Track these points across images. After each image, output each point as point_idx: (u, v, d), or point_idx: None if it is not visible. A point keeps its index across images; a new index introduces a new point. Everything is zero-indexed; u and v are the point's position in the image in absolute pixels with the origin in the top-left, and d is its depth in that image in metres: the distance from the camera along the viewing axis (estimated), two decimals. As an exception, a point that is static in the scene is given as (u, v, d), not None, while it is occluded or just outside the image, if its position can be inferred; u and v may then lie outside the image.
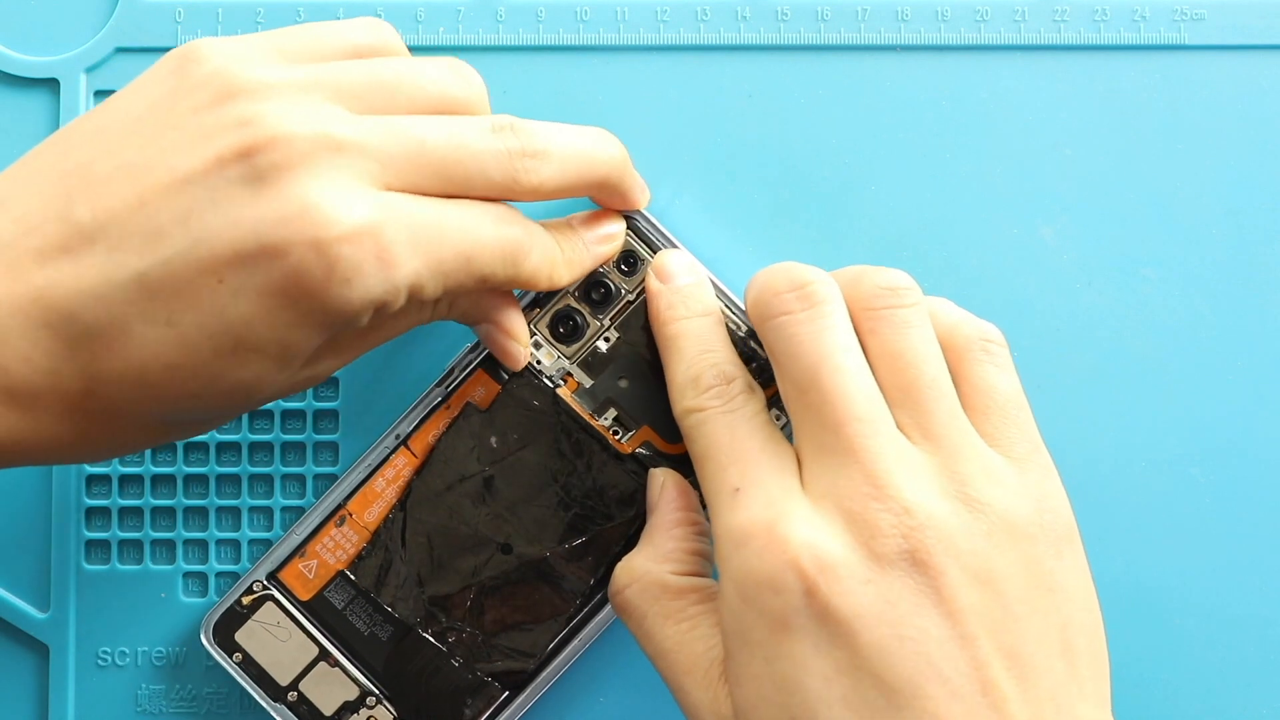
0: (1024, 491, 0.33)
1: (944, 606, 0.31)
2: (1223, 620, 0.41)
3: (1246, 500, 0.41)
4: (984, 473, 0.32)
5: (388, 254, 0.32)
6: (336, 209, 0.31)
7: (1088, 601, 0.33)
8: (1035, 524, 0.32)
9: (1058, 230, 0.41)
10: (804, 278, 0.35)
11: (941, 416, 0.33)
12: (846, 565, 0.31)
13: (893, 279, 0.35)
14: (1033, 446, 0.34)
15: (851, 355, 0.33)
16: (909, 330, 0.34)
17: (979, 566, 0.31)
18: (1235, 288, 0.41)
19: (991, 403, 0.34)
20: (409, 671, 0.39)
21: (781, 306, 0.34)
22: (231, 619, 0.39)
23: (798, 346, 0.34)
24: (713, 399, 0.35)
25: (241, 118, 0.31)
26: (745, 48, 0.42)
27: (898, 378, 0.33)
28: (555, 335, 0.39)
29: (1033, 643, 0.31)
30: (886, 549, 0.31)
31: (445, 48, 0.42)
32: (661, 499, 0.38)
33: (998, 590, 0.31)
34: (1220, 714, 0.40)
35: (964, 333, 0.35)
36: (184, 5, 0.42)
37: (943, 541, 0.31)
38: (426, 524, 0.39)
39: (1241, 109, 0.41)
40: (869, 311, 0.34)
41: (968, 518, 0.32)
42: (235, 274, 0.31)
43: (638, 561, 0.36)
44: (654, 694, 0.40)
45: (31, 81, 0.42)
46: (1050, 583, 0.32)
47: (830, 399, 0.33)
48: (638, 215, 0.39)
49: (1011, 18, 0.42)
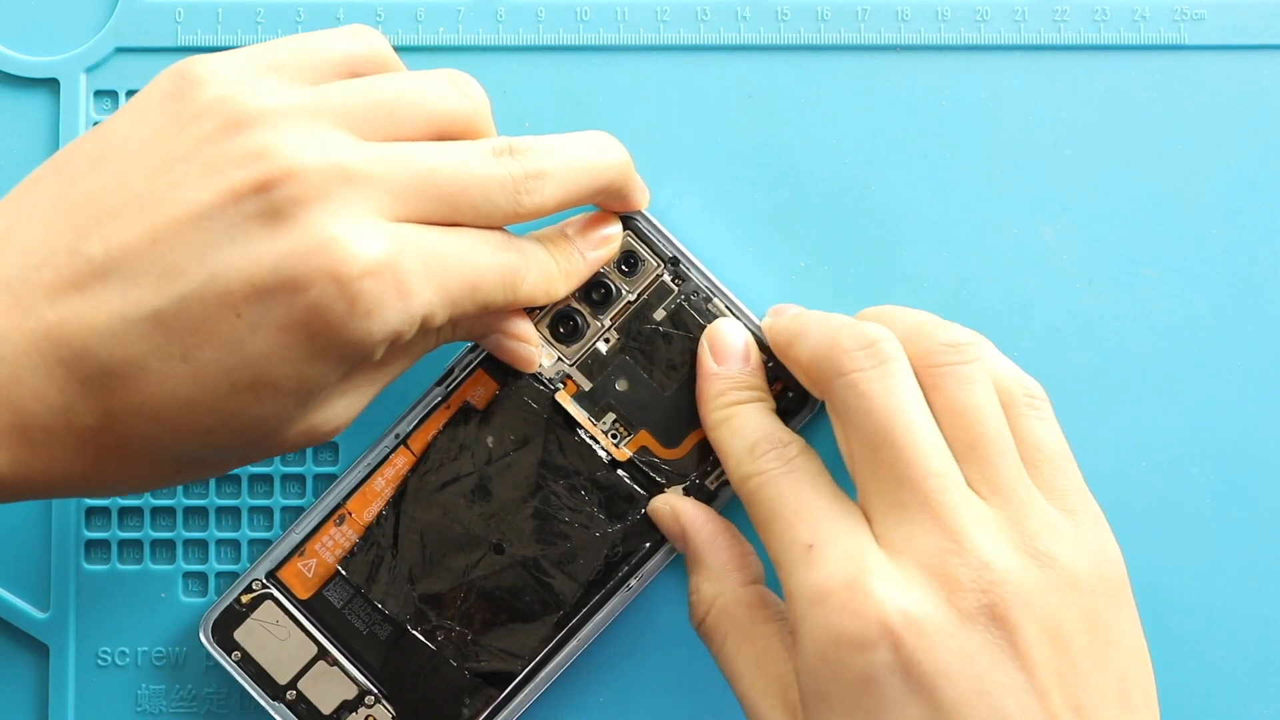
0: (1082, 544, 0.33)
1: (1020, 661, 0.31)
2: (1223, 620, 0.41)
3: (1246, 500, 0.41)
4: (1047, 527, 0.33)
5: (405, 286, 0.32)
6: (356, 243, 0.31)
7: (1141, 652, 0.33)
8: (1095, 577, 0.33)
9: (1058, 230, 0.41)
10: (871, 335, 0.35)
11: (1008, 472, 0.33)
12: (931, 621, 0.31)
13: (956, 335, 0.35)
14: (1083, 498, 0.34)
15: (922, 412, 0.34)
16: (973, 386, 0.34)
17: (1050, 621, 0.32)
18: (1235, 288, 0.41)
19: (1041, 456, 0.34)
20: (407, 670, 0.39)
21: (852, 364, 0.34)
22: (230, 617, 0.39)
23: (870, 403, 0.34)
24: (771, 461, 0.35)
25: (251, 150, 0.31)
26: (745, 48, 0.42)
27: (964, 433, 0.34)
28: (555, 336, 0.39)
29: (1095, 695, 0.32)
30: (967, 604, 0.31)
31: (445, 48, 0.42)
32: (685, 521, 0.38)
33: (1065, 645, 0.32)
34: (1220, 714, 0.40)
35: (1009, 387, 0.35)
36: (184, 5, 0.42)
37: (1019, 596, 0.31)
38: (420, 521, 0.39)
39: (1241, 109, 0.41)
40: (933, 369, 0.35)
41: (1038, 573, 0.32)
42: (253, 309, 0.31)
43: (705, 586, 0.37)
44: (654, 695, 0.40)
45: (31, 81, 0.42)
46: (1109, 636, 0.32)
47: (905, 455, 0.33)
48: (638, 216, 0.39)
49: (1011, 18, 0.42)
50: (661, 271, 0.39)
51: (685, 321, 0.39)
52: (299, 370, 0.31)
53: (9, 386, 0.30)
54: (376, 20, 0.42)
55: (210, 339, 0.31)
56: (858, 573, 0.32)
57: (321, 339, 0.31)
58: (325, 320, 0.31)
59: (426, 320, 0.33)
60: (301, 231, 0.31)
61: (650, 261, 0.39)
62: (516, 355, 0.38)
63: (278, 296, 0.31)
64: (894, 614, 0.31)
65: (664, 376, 0.39)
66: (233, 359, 0.31)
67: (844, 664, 0.31)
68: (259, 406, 0.32)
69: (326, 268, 0.31)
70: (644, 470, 0.39)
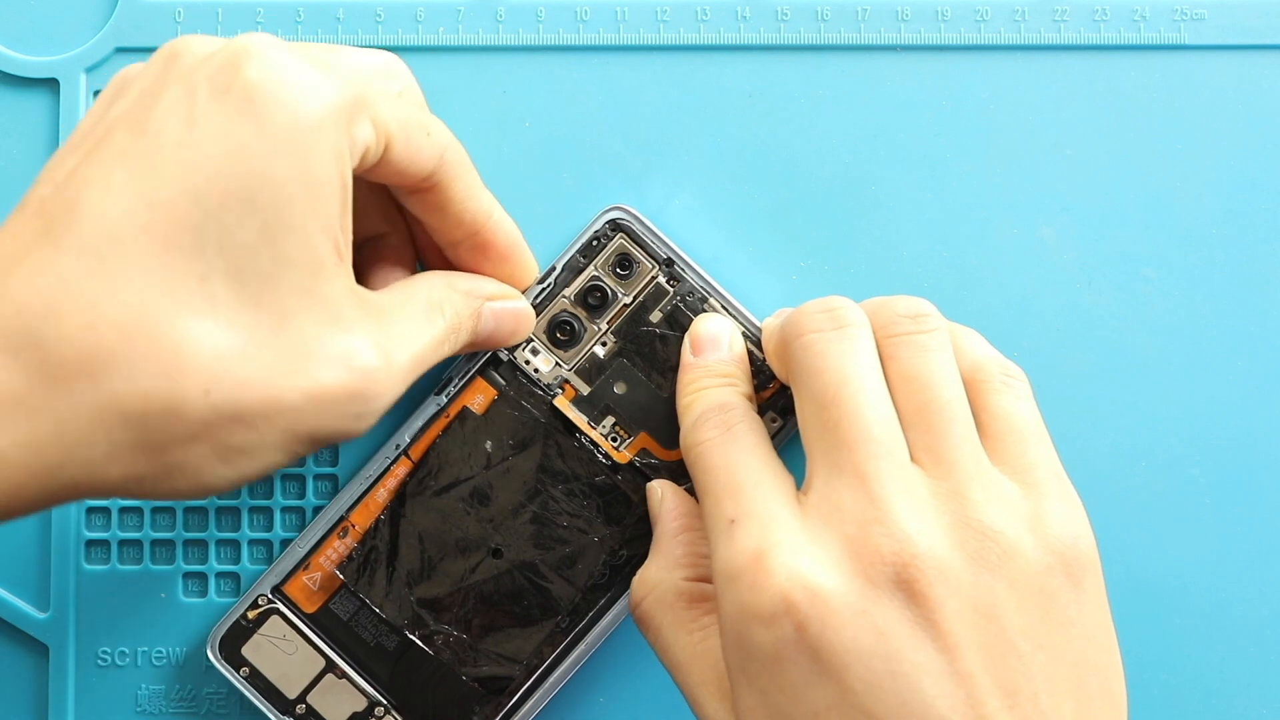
0: (1037, 520, 0.31)
1: (940, 641, 0.29)
2: (1223, 621, 0.41)
3: (1247, 500, 0.41)
4: (996, 500, 0.31)
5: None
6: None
7: (1104, 638, 0.31)
8: (1050, 553, 0.31)
9: (1058, 230, 0.41)
10: (834, 303, 0.35)
11: (953, 440, 0.32)
12: (839, 595, 0.30)
13: (913, 306, 0.35)
14: (1050, 473, 0.33)
15: (873, 378, 0.33)
16: (926, 354, 0.34)
17: (981, 599, 0.30)
18: (1235, 288, 0.41)
19: (1009, 429, 0.33)
20: (416, 680, 0.39)
21: (811, 325, 0.34)
22: (237, 633, 0.39)
23: (823, 363, 0.33)
24: (712, 429, 0.35)
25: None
26: (745, 48, 0.42)
27: (912, 400, 0.33)
28: (553, 341, 0.39)
29: (1038, 680, 0.30)
30: (882, 578, 0.30)
31: (445, 48, 0.42)
32: (663, 509, 0.38)
33: (1000, 624, 0.30)
34: (1220, 714, 0.40)
35: (986, 368, 0.34)
36: (184, 5, 0.42)
37: (942, 573, 0.30)
38: (418, 526, 0.39)
39: (1241, 109, 0.41)
40: (889, 338, 0.34)
41: (974, 547, 0.31)
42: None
43: (650, 572, 0.36)
44: (653, 695, 0.41)
45: (31, 81, 0.42)
46: (1062, 617, 0.31)
47: (847, 417, 0.32)
48: (632, 218, 0.39)
49: (1011, 18, 0.42)
50: (656, 273, 0.39)
51: (681, 323, 0.39)
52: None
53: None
54: (376, 20, 0.42)
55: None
56: (766, 546, 0.31)
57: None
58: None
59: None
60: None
61: (645, 264, 0.39)
62: (508, 319, 0.38)
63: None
64: (795, 588, 0.30)
65: (662, 378, 0.39)
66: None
67: (754, 640, 0.31)
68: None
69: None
70: (645, 472, 0.39)
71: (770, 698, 0.31)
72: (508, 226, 0.37)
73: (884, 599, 0.30)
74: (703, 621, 0.34)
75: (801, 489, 0.33)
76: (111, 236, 0.29)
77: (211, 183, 0.29)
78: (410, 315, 0.34)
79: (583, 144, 0.41)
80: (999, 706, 0.29)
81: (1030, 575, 0.31)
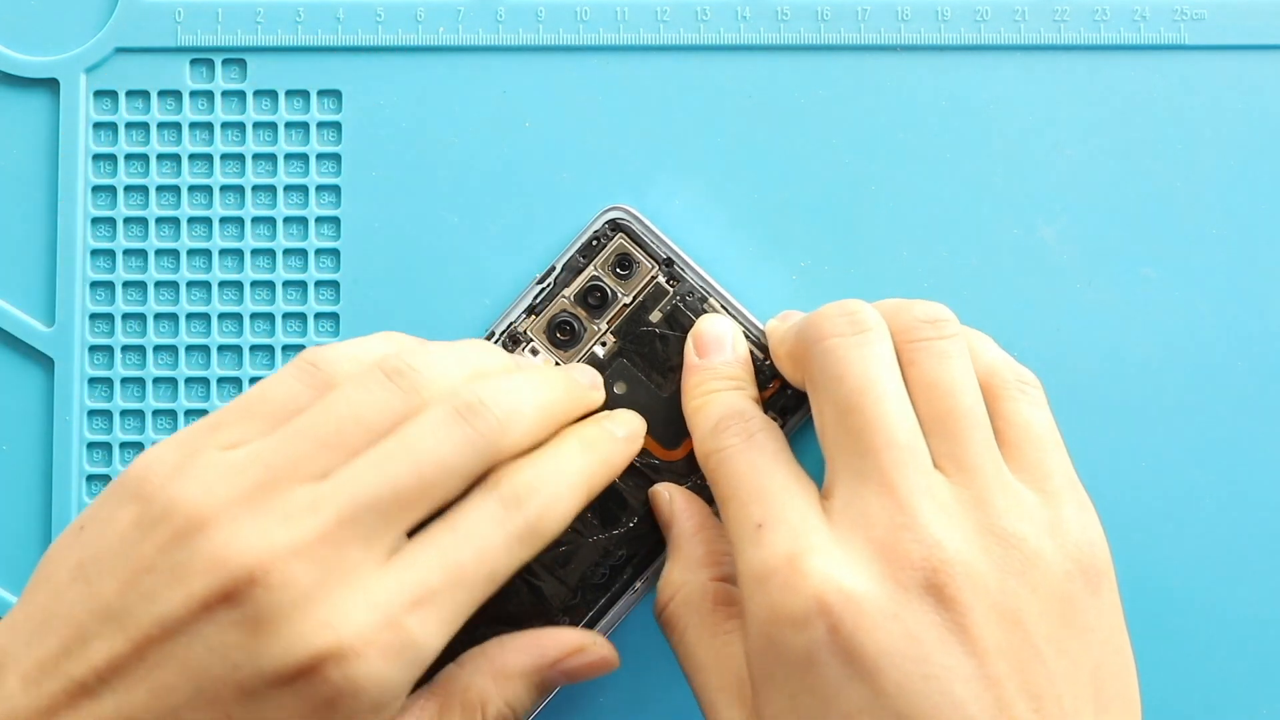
0: (1056, 528, 0.32)
1: (970, 645, 0.30)
2: (1222, 621, 0.41)
3: (1247, 501, 0.41)
4: (1016, 508, 0.32)
5: (407, 639, 0.31)
6: (348, 637, 0.30)
7: (1120, 644, 0.32)
8: (1069, 560, 0.32)
9: (1058, 230, 0.41)
10: (853, 306, 0.35)
11: (975, 447, 0.33)
12: (871, 599, 0.30)
13: (932, 311, 0.35)
14: (1067, 481, 0.33)
15: (895, 384, 0.33)
16: (947, 361, 0.34)
17: (1007, 604, 0.30)
18: (1235, 288, 0.41)
19: (1025, 437, 0.33)
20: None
21: (831, 329, 0.34)
22: None
23: (845, 369, 0.33)
24: (732, 437, 0.35)
25: (210, 557, 0.29)
26: (745, 48, 0.42)
27: (934, 407, 0.33)
28: (553, 341, 0.39)
29: (1060, 685, 0.30)
30: (913, 583, 0.30)
31: (445, 48, 0.42)
32: (675, 511, 0.38)
33: (1025, 630, 0.30)
34: (1220, 714, 0.40)
35: (1001, 374, 0.35)
36: (184, 5, 0.42)
37: (971, 577, 0.30)
38: None
39: (1241, 109, 0.41)
40: (909, 344, 0.34)
41: (998, 554, 0.31)
42: (247, 708, 0.29)
43: (675, 573, 0.36)
44: (653, 695, 0.41)
45: (31, 81, 0.42)
46: (1081, 623, 0.31)
47: (870, 424, 0.32)
48: (631, 218, 0.39)
49: (1011, 18, 0.42)
50: (656, 273, 0.39)
51: (681, 322, 0.39)
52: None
53: None
54: (376, 20, 0.42)
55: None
56: (799, 549, 0.31)
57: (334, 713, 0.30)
58: (334, 707, 0.30)
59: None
60: (285, 640, 0.29)
61: (645, 264, 0.39)
62: (590, 662, 0.36)
63: (270, 696, 0.29)
64: (831, 591, 0.30)
65: (662, 378, 0.39)
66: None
67: (785, 644, 0.31)
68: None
69: (325, 675, 0.29)
70: (644, 473, 0.39)
71: (799, 701, 0.31)
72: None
73: (915, 603, 0.30)
74: (726, 626, 0.35)
75: (823, 494, 0.33)
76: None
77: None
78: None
79: (583, 144, 0.41)
80: (1026, 710, 0.30)
81: (1051, 582, 0.31)
